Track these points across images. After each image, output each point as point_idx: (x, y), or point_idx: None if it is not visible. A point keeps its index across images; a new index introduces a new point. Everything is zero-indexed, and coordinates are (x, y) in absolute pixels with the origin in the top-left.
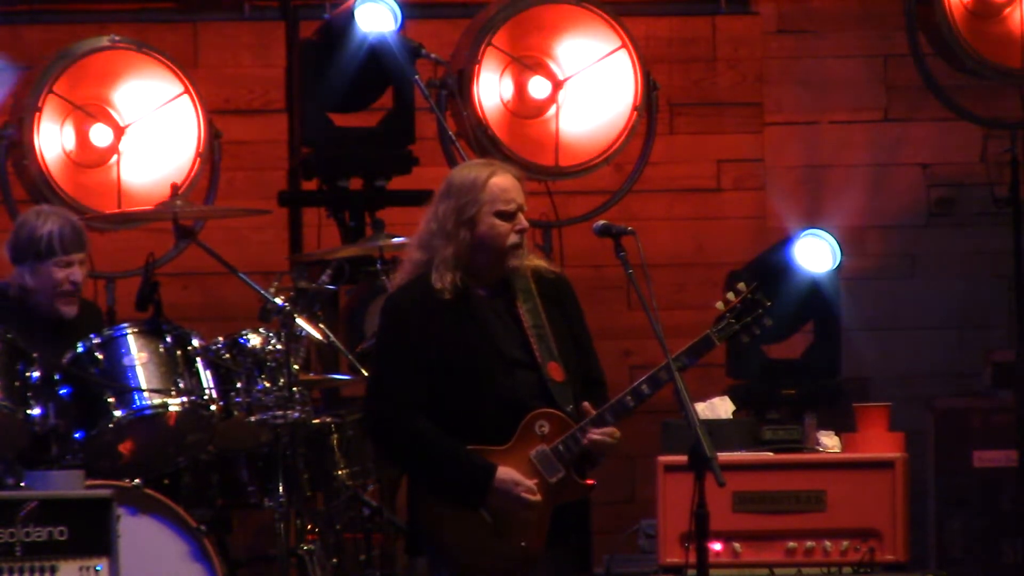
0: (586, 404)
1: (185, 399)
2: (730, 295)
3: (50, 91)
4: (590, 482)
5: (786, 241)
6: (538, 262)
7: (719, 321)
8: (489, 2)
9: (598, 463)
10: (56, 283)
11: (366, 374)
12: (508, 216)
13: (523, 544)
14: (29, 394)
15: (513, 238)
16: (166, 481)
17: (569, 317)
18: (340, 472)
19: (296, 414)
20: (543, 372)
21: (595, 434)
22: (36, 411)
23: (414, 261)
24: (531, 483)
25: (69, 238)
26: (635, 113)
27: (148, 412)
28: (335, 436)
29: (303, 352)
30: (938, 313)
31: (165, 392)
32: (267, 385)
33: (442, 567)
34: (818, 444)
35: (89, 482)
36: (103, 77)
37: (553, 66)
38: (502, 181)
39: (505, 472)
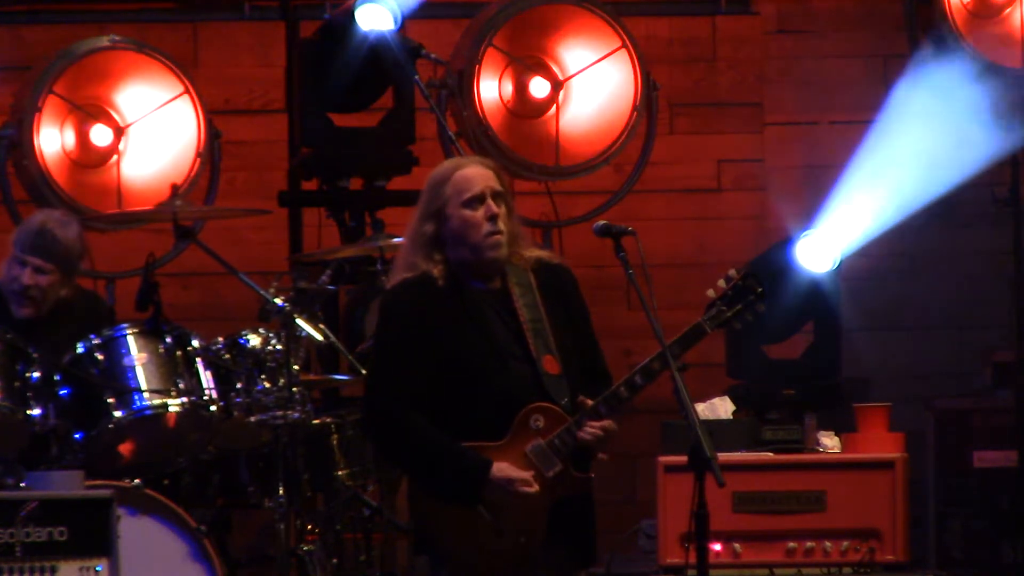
0: (582, 398)
1: (185, 399)
2: (721, 282)
3: (50, 91)
4: (590, 475)
5: (786, 241)
6: (539, 253)
7: (710, 308)
8: (489, 2)
9: (601, 453)
10: (12, 278)
11: (366, 374)
12: (475, 202)
13: (522, 540)
14: (29, 394)
15: (486, 226)
16: (166, 481)
17: (570, 309)
18: (340, 472)
19: (296, 414)
20: (538, 365)
21: (586, 432)
22: (36, 411)
23: (402, 262)
24: (527, 474)
25: (37, 242)
26: (635, 113)
27: (148, 412)
28: (335, 436)
29: (303, 352)
30: (938, 313)
31: (165, 392)
32: (267, 385)
33: (442, 567)
34: (818, 444)
35: (89, 482)
36: (103, 77)
37: (553, 66)
38: (466, 172)
39: (500, 467)
